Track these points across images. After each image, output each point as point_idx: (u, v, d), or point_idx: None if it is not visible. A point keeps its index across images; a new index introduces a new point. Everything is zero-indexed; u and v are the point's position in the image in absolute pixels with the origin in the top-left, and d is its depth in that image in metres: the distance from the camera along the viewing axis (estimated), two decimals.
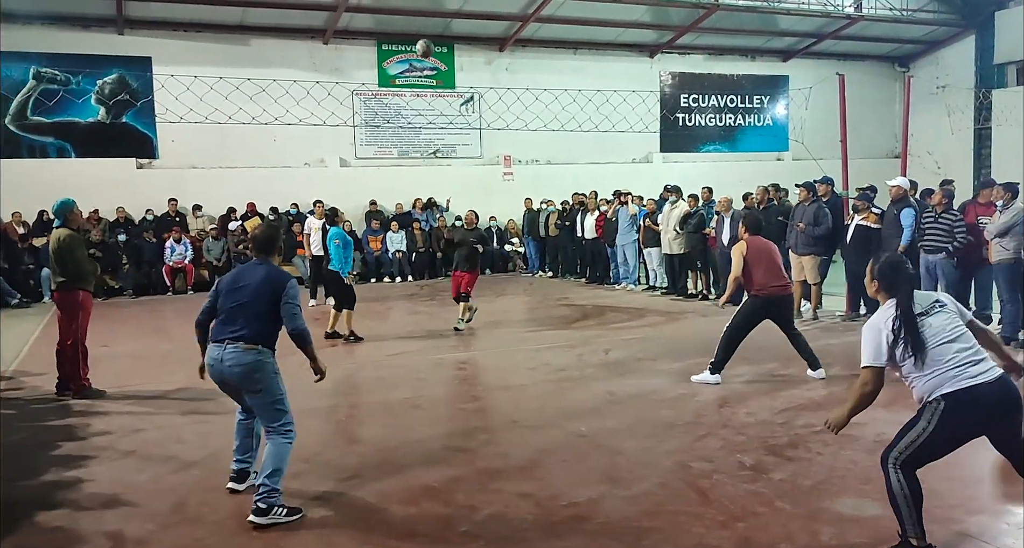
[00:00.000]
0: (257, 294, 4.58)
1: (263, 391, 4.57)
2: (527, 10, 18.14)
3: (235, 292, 4.65)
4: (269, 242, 4.86)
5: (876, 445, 5.36)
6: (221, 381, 4.65)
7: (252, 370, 4.52)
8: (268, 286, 4.59)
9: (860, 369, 3.81)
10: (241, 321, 4.56)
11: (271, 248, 4.85)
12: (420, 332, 10.69)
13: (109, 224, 16.09)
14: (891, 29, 21.61)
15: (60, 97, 16.18)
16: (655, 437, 5.73)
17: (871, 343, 3.75)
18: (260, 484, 4.43)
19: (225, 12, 16.83)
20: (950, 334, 3.68)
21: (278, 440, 4.57)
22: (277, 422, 4.60)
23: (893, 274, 3.82)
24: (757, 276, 7.19)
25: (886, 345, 3.71)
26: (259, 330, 4.56)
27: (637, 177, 18.84)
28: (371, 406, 6.87)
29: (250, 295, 4.59)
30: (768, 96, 22.70)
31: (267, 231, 4.99)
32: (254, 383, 4.55)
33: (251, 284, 4.63)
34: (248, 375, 4.53)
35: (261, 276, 4.64)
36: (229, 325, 4.58)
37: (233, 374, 4.53)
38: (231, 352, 4.51)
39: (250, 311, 4.56)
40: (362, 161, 18.73)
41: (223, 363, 4.53)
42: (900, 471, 3.71)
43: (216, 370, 4.59)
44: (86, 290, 7.41)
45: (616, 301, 13.12)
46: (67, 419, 6.69)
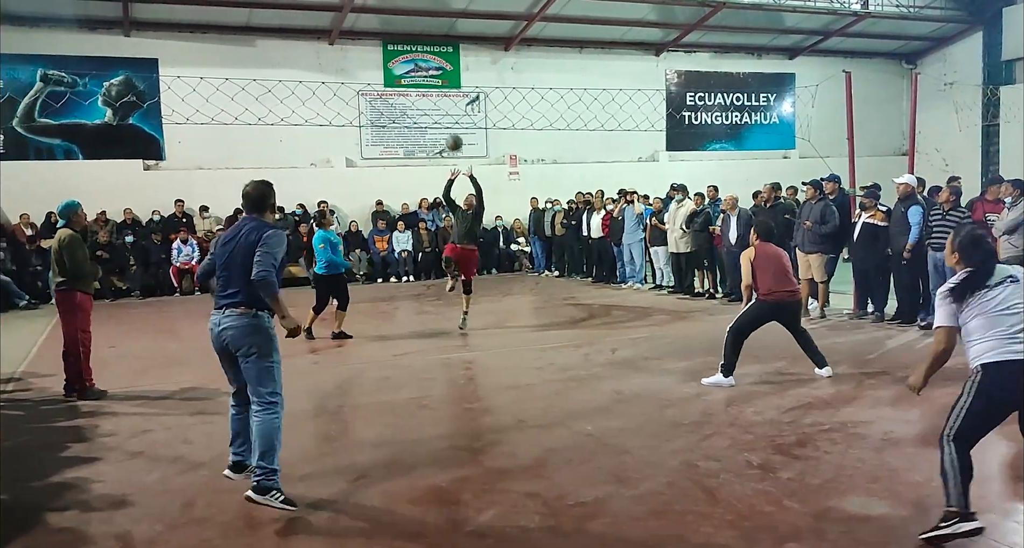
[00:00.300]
0: (244, 252, 4.49)
1: (257, 354, 4.49)
2: (532, 9, 18.14)
3: (225, 252, 4.60)
4: (261, 199, 4.72)
5: (884, 444, 5.36)
6: (220, 348, 4.59)
7: (248, 332, 4.47)
8: (252, 239, 4.49)
9: (934, 330, 4.14)
10: (235, 284, 4.51)
11: (263, 205, 4.73)
12: (426, 332, 10.69)
13: (116, 225, 16.17)
14: (898, 26, 21.54)
15: (67, 99, 16.28)
16: (662, 436, 5.72)
17: (944, 306, 4.06)
18: (256, 466, 4.43)
19: (231, 13, 16.87)
20: (1012, 308, 3.90)
21: (264, 416, 4.48)
22: (266, 389, 4.50)
23: (973, 247, 4.13)
24: (766, 281, 7.17)
25: (955, 305, 4.01)
26: (253, 292, 4.46)
27: (643, 176, 18.84)
28: (378, 406, 6.87)
29: (238, 253, 4.52)
30: (774, 94, 22.66)
31: (260, 187, 4.77)
32: (249, 346, 4.47)
33: (239, 241, 4.55)
34: (243, 337, 4.47)
35: (246, 231, 4.56)
36: (225, 290, 4.55)
37: (228, 337, 4.49)
38: (228, 316, 4.49)
39: (240, 271, 4.49)
40: (368, 161, 18.76)
41: (220, 327, 4.51)
42: (952, 445, 3.93)
43: (215, 335, 4.55)
44: (84, 292, 7.39)
45: (622, 300, 13.11)
46: (75, 420, 6.71)
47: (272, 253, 4.45)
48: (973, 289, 3.98)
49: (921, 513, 4.21)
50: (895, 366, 7.64)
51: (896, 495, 4.46)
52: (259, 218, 4.66)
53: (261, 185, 4.78)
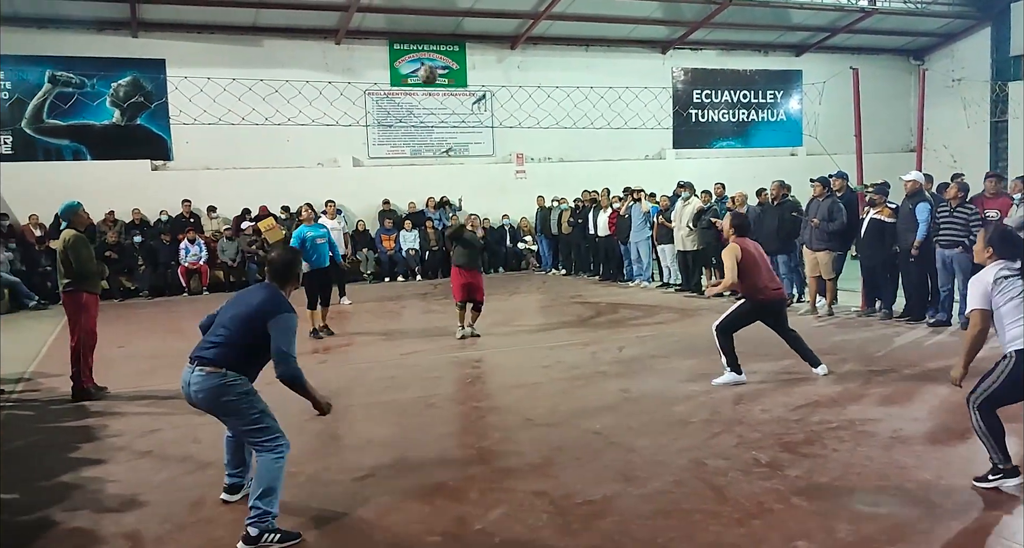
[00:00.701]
0: (243, 321, 4.22)
1: (235, 415, 4.22)
2: (538, 7, 18.12)
3: (228, 310, 4.36)
4: (286, 268, 4.44)
5: (892, 441, 5.34)
6: (192, 404, 4.32)
7: (217, 395, 4.16)
8: (257, 316, 4.19)
9: (969, 314, 4.50)
10: (213, 340, 4.23)
11: (287, 275, 4.44)
12: (433, 331, 10.70)
13: (124, 226, 16.22)
14: (905, 22, 21.43)
15: (75, 100, 16.34)
16: (670, 434, 5.71)
17: (977, 291, 4.42)
18: (251, 506, 4.07)
19: (237, 14, 16.91)
20: None
21: (266, 457, 4.17)
22: (260, 440, 4.20)
23: (1003, 242, 4.52)
24: (760, 279, 7.04)
25: (989, 290, 4.37)
26: (229, 355, 4.18)
27: (650, 173, 18.81)
28: (385, 405, 6.88)
29: (236, 320, 4.24)
30: (781, 91, 22.59)
31: (286, 255, 4.53)
32: (224, 410, 4.23)
33: (243, 307, 4.29)
34: (214, 400, 4.18)
35: (257, 301, 4.27)
36: (203, 341, 4.30)
37: (199, 400, 4.20)
38: (197, 375, 4.18)
39: (230, 335, 4.21)
40: (375, 161, 18.78)
41: (189, 386, 4.23)
42: (977, 411, 4.38)
43: (185, 393, 4.29)
44: (90, 292, 7.42)
45: (629, 298, 13.10)
46: (84, 420, 6.74)
47: (287, 342, 4.14)
48: None
49: (931, 510, 4.21)
50: (903, 364, 7.61)
51: (905, 493, 4.45)
52: (273, 286, 4.39)
53: (288, 253, 4.60)
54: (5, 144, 16.09)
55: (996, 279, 4.37)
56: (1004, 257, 4.45)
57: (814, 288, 10.79)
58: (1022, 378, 4.23)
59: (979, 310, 4.38)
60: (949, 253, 9.20)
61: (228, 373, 4.17)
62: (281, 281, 4.41)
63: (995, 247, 4.50)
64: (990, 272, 4.44)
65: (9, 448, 5.96)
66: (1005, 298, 4.32)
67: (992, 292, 4.35)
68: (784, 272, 11.34)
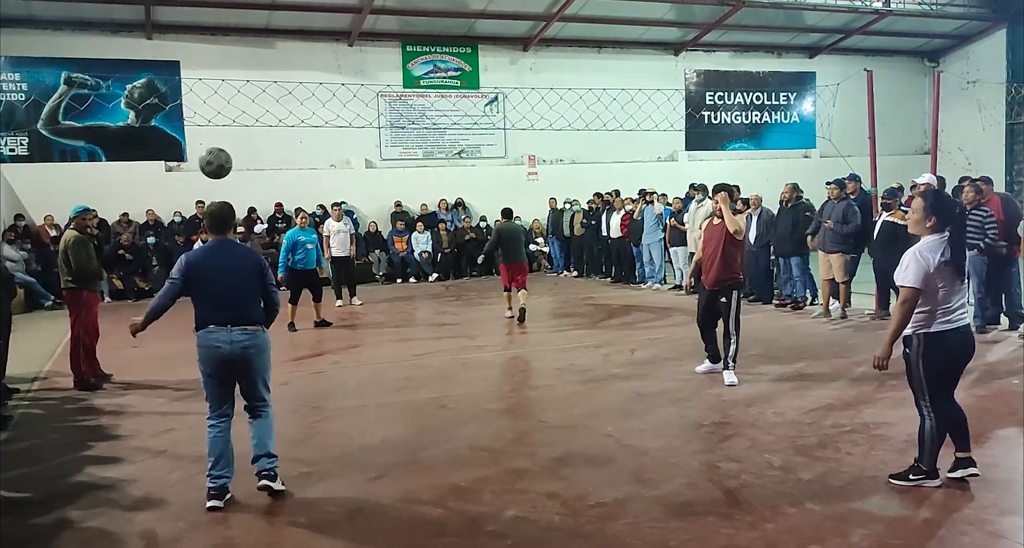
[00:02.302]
0: (249, 277, 4.79)
1: (264, 368, 4.82)
2: (551, 9, 18.13)
3: (227, 278, 4.74)
4: (229, 216, 4.96)
5: (907, 445, 5.29)
6: (229, 364, 4.69)
7: (264, 348, 4.79)
8: (255, 269, 4.84)
9: (901, 288, 4.36)
10: (239, 303, 4.73)
11: (230, 222, 4.98)
12: (446, 332, 10.71)
13: (139, 226, 16.32)
14: (920, 23, 21.33)
15: (91, 101, 16.45)
16: (682, 437, 5.70)
17: (918, 267, 4.27)
18: (267, 456, 4.74)
19: (251, 15, 17.00)
20: None
21: (267, 413, 4.85)
22: (268, 395, 4.86)
23: (945, 207, 4.38)
24: None
25: (931, 269, 4.25)
26: (259, 312, 4.83)
27: (662, 175, 18.79)
28: (398, 406, 6.90)
29: (243, 278, 4.77)
30: (795, 93, 22.52)
31: (224, 207, 4.98)
32: (265, 359, 4.81)
33: (238, 267, 4.79)
34: (261, 353, 4.77)
35: (247, 260, 4.88)
36: (226, 308, 4.70)
37: (248, 354, 4.69)
38: (243, 334, 4.68)
39: (247, 293, 4.77)
40: (387, 162, 18.83)
41: (233, 343, 4.65)
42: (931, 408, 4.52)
43: (226, 351, 4.65)
44: (90, 290, 7.96)
45: (642, 300, 13.07)
46: (98, 419, 6.79)
47: (274, 281, 5.05)
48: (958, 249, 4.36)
49: (946, 515, 4.18)
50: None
51: (920, 497, 4.42)
52: (231, 239, 4.99)
53: (225, 205, 5.01)
54: (21, 145, 16.23)
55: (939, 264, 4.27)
56: (946, 226, 4.34)
57: (827, 291, 10.74)
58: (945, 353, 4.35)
59: (913, 289, 4.28)
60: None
61: (265, 330, 4.83)
62: (226, 229, 4.94)
63: (938, 215, 4.34)
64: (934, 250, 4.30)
65: (24, 447, 6.01)
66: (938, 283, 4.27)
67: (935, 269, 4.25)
68: (797, 274, 11.31)
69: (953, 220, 4.37)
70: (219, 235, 4.89)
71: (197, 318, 4.75)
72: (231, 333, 4.65)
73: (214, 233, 4.91)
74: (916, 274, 4.27)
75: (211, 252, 4.85)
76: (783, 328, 10.03)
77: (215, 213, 4.90)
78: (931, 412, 4.45)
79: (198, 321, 4.74)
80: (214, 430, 4.75)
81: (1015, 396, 6.48)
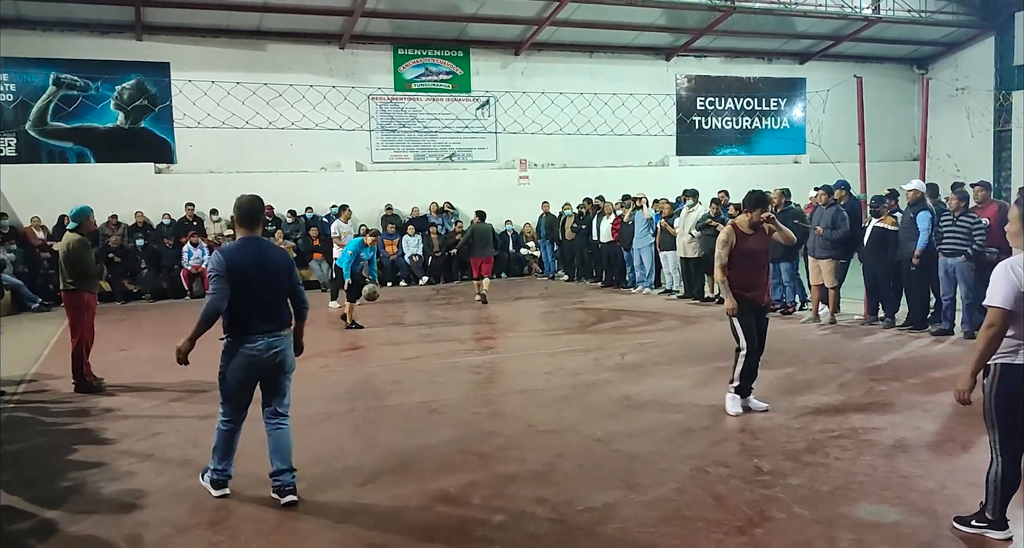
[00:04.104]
0: (282, 280, 4.66)
1: (292, 370, 4.79)
2: (542, 14, 18.15)
3: (263, 278, 4.56)
4: (259, 212, 4.75)
5: (895, 450, 5.32)
6: (265, 370, 4.60)
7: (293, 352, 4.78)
8: (288, 270, 4.70)
9: (988, 309, 3.70)
10: (277, 308, 4.65)
11: (259, 219, 4.78)
12: (436, 336, 10.70)
13: (127, 228, 16.24)
14: (909, 31, 21.45)
15: (79, 103, 16.35)
16: (672, 442, 5.70)
17: (1004, 284, 3.64)
18: (288, 470, 4.65)
19: (242, 17, 16.95)
20: None
21: (287, 423, 4.77)
22: (288, 399, 4.81)
23: None
24: None
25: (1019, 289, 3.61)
26: (287, 312, 4.75)
27: (653, 180, 18.80)
28: (388, 410, 6.88)
29: (277, 279, 4.63)
30: (785, 99, 22.61)
31: (255, 201, 4.71)
32: (292, 364, 4.77)
33: (274, 269, 4.62)
34: (291, 356, 4.74)
35: (281, 259, 4.71)
36: (267, 315, 4.58)
37: (283, 358, 4.64)
38: (279, 338, 4.62)
39: (281, 295, 4.68)
40: (378, 165, 18.81)
41: (271, 349, 4.57)
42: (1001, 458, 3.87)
43: (263, 358, 4.56)
44: (91, 291, 7.88)
45: (632, 305, 13.09)
46: (85, 422, 6.74)
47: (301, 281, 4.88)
48: None
49: (933, 520, 4.19)
50: (906, 372, 7.60)
51: (908, 502, 4.43)
52: (261, 236, 4.79)
53: (255, 199, 4.75)
54: (9, 146, 16.13)
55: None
56: None
57: (816, 296, 10.78)
58: None
59: (1000, 310, 3.64)
60: (952, 262, 9.19)
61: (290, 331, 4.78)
62: (256, 225, 4.73)
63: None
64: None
65: (10, 450, 5.96)
66: None
67: None
68: (786, 279, 11.34)
69: None
70: (250, 231, 4.65)
71: (232, 322, 4.52)
72: (270, 339, 4.56)
73: (245, 228, 4.64)
74: (1006, 293, 3.63)
75: (245, 250, 4.57)
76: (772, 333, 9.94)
77: (245, 206, 4.64)
78: (999, 454, 3.85)
79: (234, 326, 4.53)
80: (229, 426, 4.74)
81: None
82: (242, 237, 4.64)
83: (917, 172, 11.24)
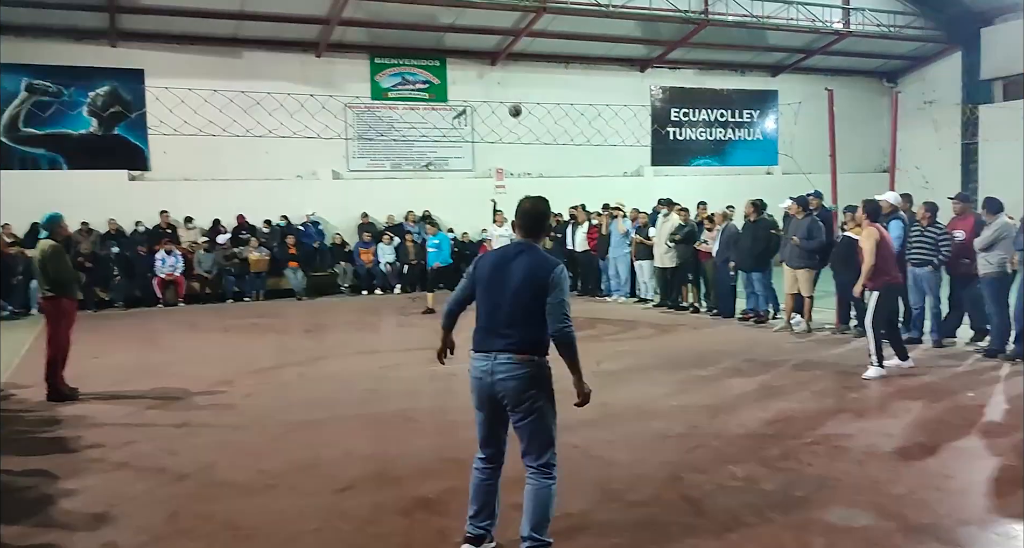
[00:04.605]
0: (529, 288, 3.78)
1: (539, 411, 3.90)
2: (519, 25, 18.27)
3: (496, 286, 3.86)
4: (541, 219, 4.00)
5: (866, 456, 5.41)
6: (487, 399, 3.90)
7: (531, 385, 3.84)
8: (539, 276, 3.78)
9: None
10: (513, 324, 3.81)
11: (541, 227, 4.01)
12: (413, 344, 10.68)
13: (100, 236, 16.06)
14: (879, 45, 21.86)
15: (53, 109, 16.20)
16: (648, 448, 5.75)
17: None
18: (529, 538, 3.79)
19: (218, 25, 16.88)
20: None
21: (541, 480, 3.88)
22: (547, 452, 3.94)
23: None
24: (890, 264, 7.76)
25: None
26: (535, 334, 3.82)
27: (628, 190, 18.91)
28: (365, 418, 6.87)
29: (522, 288, 3.79)
30: (758, 111, 22.90)
31: (538, 205, 4.00)
32: (533, 400, 3.85)
33: (513, 278, 3.82)
34: (526, 390, 3.83)
35: (528, 262, 3.83)
36: (497, 329, 3.84)
37: (506, 389, 3.81)
38: (504, 364, 3.80)
39: (522, 310, 3.79)
40: (355, 174, 18.77)
41: (493, 375, 3.81)
42: None
43: (484, 384, 3.86)
44: (70, 298, 7.87)
45: (608, 313, 13.15)
46: (58, 431, 6.67)
47: (567, 300, 3.84)
48: None
49: (903, 525, 4.27)
50: (876, 380, 7.71)
51: (879, 507, 4.51)
52: (532, 244, 3.96)
53: (540, 203, 4.03)
54: None
55: None
56: None
57: (790, 305, 10.90)
58: None
59: None
60: (920, 272, 9.36)
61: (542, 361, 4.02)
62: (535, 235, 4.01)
63: None
64: None
65: None
66: None
67: None
68: (759, 289, 11.47)
69: None
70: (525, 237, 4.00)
71: None
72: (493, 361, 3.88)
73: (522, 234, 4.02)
74: None
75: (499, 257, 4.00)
76: (746, 341, 10.17)
77: (526, 210, 3.98)
78: None
79: None
80: (478, 473, 4.05)
81: (969, 409, 6.64)
82: None
83: (887, 184, 11.44)
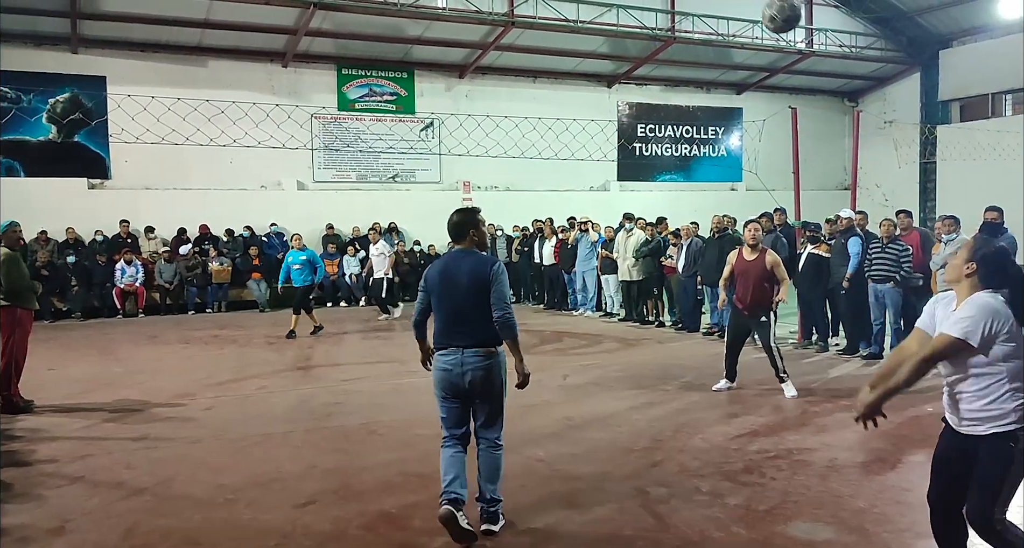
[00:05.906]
0: (476, 288, 4.35)
1: (499, 394, 4.52)
2: (487, 38, 18.35)
3: (448, 291, 4.41)
4: (461, 224, 4.52)
5: (828, 470, 5.46)
6: (459, 389, 4.42)
7: (496, 373, 4.45)
8: (475, 278, 4.36)
9: (941, 336, 3.22)
10: (470, 322, 4.37)
11: (463, 231, 4.52)
12: (376, 357, 10.61)
13: (58, 245, 15.76)
14: (840, 65, 22.31)
15: (11, 115, 15.88)
16: (612, 462, 5.75)
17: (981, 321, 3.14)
18: (490, 499, 4.48)
19: (182, 33, 16.73)
20: None
21: (495, 452, 4.57)
22: (499, 429, 4.59)
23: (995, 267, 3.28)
24: None
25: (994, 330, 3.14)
26: (490, 329, 4.38)
27: (594, 205, 19.07)
28: (327, 431, 6.79)
29: (464, 295, 4.36)
30: (722, 127, 23.20)
31: (462, 215, 4.58)
32: (495, 385, 4.47)
33: (461, 281, 4.38)
34: (491, 378, 4.43)
35: (470, 265, 4.40)
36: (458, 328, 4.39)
37: (476, 378, 4.38)
38: (472, 356, 4.37)
39: (474, 309, 4.35)
40: (320, 184, 18.67)
41: (463, 367, 4.37)
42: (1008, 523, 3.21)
43: (454, 375, 4.39)
44: (24, 308, 7.67)
45: (574, 327, 13.18)
46: (11, 444, 6.49)
47: (507, 291, 4.44)
48: None
49: (864, 538, 4.31)
50: (838, 395, 7.81)
51: (840, 521, 4.55)
52: (468, 249, 4.51)
53: (464, 213, 4.61)
54: None
55: None
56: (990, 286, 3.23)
57: None
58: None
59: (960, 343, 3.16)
60: (881, 288, 9.50)
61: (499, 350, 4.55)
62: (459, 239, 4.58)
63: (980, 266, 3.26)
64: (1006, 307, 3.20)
65: None
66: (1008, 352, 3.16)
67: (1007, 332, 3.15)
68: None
69: None
70: (457, 243, 4.61)
71: None
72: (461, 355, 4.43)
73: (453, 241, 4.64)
74: None
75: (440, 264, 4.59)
76: (711, 356, 10.21)
77: (455, 222, 4.56)
78: None
79: None
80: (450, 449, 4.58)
81: (929, 423, 6.73)
82: None
83: (848, 201, 11.63)
